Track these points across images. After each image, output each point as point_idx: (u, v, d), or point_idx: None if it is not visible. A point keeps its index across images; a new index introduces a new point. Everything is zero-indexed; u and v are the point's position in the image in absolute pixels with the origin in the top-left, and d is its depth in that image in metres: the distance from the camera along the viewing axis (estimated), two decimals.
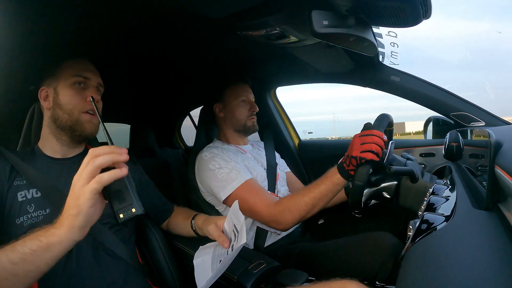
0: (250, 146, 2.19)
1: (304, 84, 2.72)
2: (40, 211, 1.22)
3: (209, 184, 1.83)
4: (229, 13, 1.31)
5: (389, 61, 1.99)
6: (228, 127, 2.11)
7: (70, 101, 1.35)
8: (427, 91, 2.03)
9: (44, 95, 1.40)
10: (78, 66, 1.40)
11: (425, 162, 2.22)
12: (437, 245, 0.72)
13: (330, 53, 1.84)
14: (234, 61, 2.22)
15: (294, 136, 2.99)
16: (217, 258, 1.26)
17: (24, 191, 1.25)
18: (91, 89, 1.40)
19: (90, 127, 1.37)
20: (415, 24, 1.23)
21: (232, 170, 1.78)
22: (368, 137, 1.41)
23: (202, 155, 1.92)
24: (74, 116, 1.34)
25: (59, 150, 1.40)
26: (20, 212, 1.20)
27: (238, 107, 2.05)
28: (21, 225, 1.18)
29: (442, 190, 1.17)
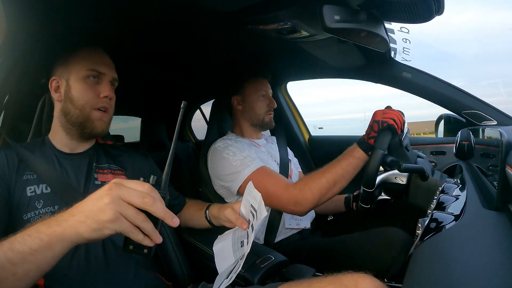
0: (264, 141, 2.20)
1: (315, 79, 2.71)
2: (48, 207, 1.20)
3: (223, 173, 1.82)
4: (240, 7, 1.31)
5: (401, 57, 1.97)
6: (245, 121, 2.11)
7: (82, 96, 1.31)
8: (439, 88, 2.01)
9: (55, 86, 1.36)
10: (92, 58, 1.36)
11: (435, 160, 2.21)
12: (445, 244, 0.71)
13: (342, 48, 1.82)
14: (245, 55, 2.21)
15: (304, 131, 2.99)
16: (237, 240, 1.25)
17: (34, 186, 1.23)
18: (104, 84, 1.36)
19: (100, 125, 1.35)
20: (427, 20, 1.22)
21: (246, 157, 1.77)
22: (390, 110, 1.49)
23: (216, 145, 1.91)
24: (86, 112, 1.31)
25: (68, 144, 1.37)
26: (29, 207, 1.18)
27: (258, 102, 2.05)
28: (28, 221, 1.16)
29: (452, 189, 1.16)
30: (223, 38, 1.85)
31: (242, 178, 1.72)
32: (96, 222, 0.80)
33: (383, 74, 2.15)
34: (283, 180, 1.70)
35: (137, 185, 0.85)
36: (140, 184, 0.86)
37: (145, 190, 0.84)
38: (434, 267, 0.63)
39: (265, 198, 1.64)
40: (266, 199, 1.65)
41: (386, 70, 2.10)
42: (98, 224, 0.80)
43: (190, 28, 1.66)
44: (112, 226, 0.80)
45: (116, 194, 0.81)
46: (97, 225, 0.80)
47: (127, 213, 0.81)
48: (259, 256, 1.39)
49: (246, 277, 1.31)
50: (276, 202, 1.64)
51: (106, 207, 0.80)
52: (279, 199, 1.62)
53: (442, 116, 2.27)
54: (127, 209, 0.81)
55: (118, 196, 0.81)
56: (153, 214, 0.82)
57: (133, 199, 0.81)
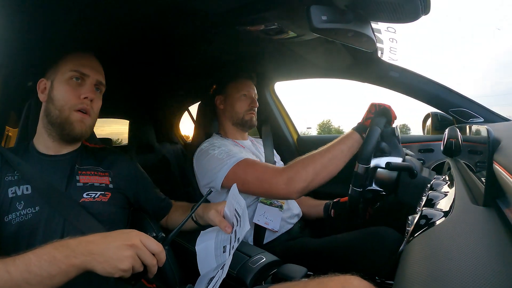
0: (250, 142, 2.21)
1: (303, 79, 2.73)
2: (29, 208, 1.21)
3: (208, 168, 1.82)
4: (228, 8, 1.32)
5: (388, 57, 1.98)
6: (227, 120, 2.13)
7: (63, 97, 1.32)
8: (426, 87, 2.03)
9: (42, 87, 1.39)
10: (78, 61, 1.37)
11: (423, 158, 2.23)
12: (435, 240, 0.72)
13: (329, 49, 1.84)
14: (232, 56, 2.22)
15: (293, 131, 3.00)
16: (220, 243, 1.27)
17: (15, 187, 1.24)
18: (87, 86, 1.37)
19: (80, 127, 1.34)
20: (414, 20, 1.23)
21: (231, 150, 1.80)
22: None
23: (202, 146, 1.94)
24: (65, 113, 1.32)
25: (52, 147, 1.38)
26: (10, 209, 1.20)
27: (239, 101, 2.08)
28: (9, 223, 1.18)
29: (440, 186, 1.17)
30: (210, 40, 1.85)
31: (227, 168, 1.73)
32: (112, 268, 0.93)
33: (370, 74, 2.16)
34: (272, 165, 1.73)
35: (153, 245, 1.00)
36: (156, 244, 1.01)
37: (157, 251, 1.00)
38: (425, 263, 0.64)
39: (257, 185, 1.65)
40: (258, 186, 1.65)
41: (373, 70, 2.11)
42: (113, 269, 0.93)
43: (177, 29, 1.66)
44: (122, 273, 0.94)
45: (136, 251, 0.96)
46: (112, 269, 0.93)
47: (137, 267, 0.97)
48: (251, 256, 1.39)
49: (238, 278, 1.31)
50: (267, 186, 1.63)
51: (125, 259, 0.94)
52: (271, 181, 1.61)
53: (430, 114, 2.29)
54: (139, 265, 0.97)
55: (137, 253, 0.96)
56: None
57: (147, 259, 0.98)
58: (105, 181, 1.43)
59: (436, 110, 2.16)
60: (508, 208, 0.70)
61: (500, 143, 0.83)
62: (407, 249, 0.77)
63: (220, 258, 1.24)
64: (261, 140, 2.35)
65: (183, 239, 1.64)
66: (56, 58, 1.39)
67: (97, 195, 1.36)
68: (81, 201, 1.31)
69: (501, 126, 1.44)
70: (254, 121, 2.11)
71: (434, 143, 2.23)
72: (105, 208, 1.36)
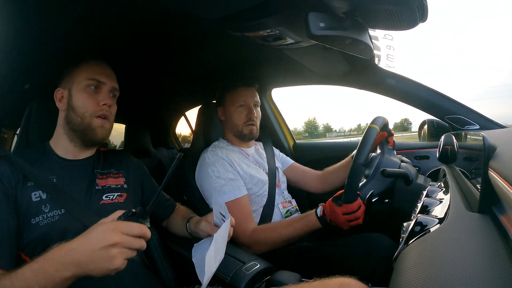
0: (253, 149, 2.21)
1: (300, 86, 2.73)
2: (55, 210, 1.25)
3: (203, 187, 1.90)
4: (225, 14, 1.32)
5: (385, 64, 1.99)
6: (229, 131, 2.14)
7: (83, 104, 1.38)
8: (423, 94, 2.04)
9: (59, 96, 1.43)
10: (93, 69, 1.43)
11: (419, 165, 2.23)
12: (430, 247, 0.72)
13: (326, 55, 1.84)
14: (229, 62, 2.23)
15: (289, 138, 3.01)
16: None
17: (38, 191, 1.27)
18: (104, 93, 1.43)
19: (101, 132, 1.42)
20: (411, 27, 1.24)
21: (227, 183, 1.83)
22: (352, 215, 1.55)
23: (206, 155, 1.96)
24: (87, 120, 1.38)
25: (72, 151, 1.44)
26: (36, 212, 1.23)
27: (235, 113, 2.06)
28: (37, 225, 1.22)
29: (436, 193, 1.17)
30: (207, 46, 1.86)
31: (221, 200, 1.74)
32: (105, 270, 0.95)
33: (367, 81, 2.17)
34: (247, 223, 1.80)
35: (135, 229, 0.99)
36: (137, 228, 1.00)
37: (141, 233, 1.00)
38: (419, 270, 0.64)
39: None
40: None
41: (370, 77, 2.13)
42: (107, 271, 0.95)
43: (174, 35, 1.67)
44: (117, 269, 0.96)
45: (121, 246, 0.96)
46: (106, 271, 0.95)
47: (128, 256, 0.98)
48: (244, 263, 1.40)
49: (232, 284, 1.31)
50: (238, 232, 1.74)
51: (113, 259, 0.94)
52: (237, 237, 1.75)
53: (426, 121, 2.29)
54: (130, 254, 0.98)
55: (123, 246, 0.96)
56: None
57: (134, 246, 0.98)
58: (120, 182, 1.52)
59: (432, 117, 2.17)
60: (503, 214, 0.70)
61: (496, 149, 0.83)
62: (402, 256, 0.77)
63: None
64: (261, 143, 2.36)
65: (180, 247, 1.65)
66: (71, 68, 1.43)
67: (115, 197, 1.44)
68: (101, 203, 1.39)
69: (497, 133, 1.45)
70: (254, 133, 2.09)
71: (430, 150, 2.23)
72: (122, 208, 1.37)
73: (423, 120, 2.32)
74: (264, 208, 1.99)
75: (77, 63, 1.44)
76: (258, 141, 2.37)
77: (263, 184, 2.01)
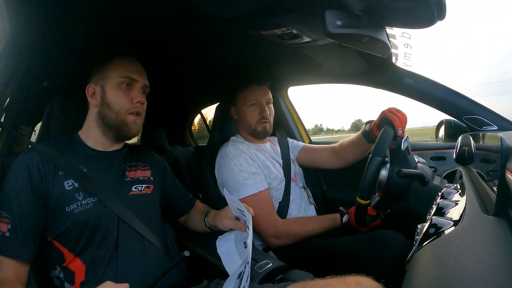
0: (268, 144, 2.23)
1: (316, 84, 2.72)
2: (89, 198, 1.31)
3: (225, 180, 1.92)
4: (241, 12, 1.32)
5: (403, 63, 1.97)
6: (243, 130, 2.16)
7: (118, 101, 1.42)
8: (440, 93, 2.02)
9: (91, 92, 1.46)
10: (126, 66, 1.46)
11: (435, 166, 2.20)
12: (444, 250, 0.71)
13: (343, 54, 1.83)
14: (246, 60, 2.22)
15: (304, 136, 3.00)
16: (240, 241, 1.31)
17: (71, 180, 1.32)
18: (136, 90, 1.47)
19: (134, 128, 1.47)
20: (429, 25, 1.22)
21: (250, 176, 1.86)
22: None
23: (227, 149, 1.99)
24: (121, 116, 1.42)
25: (103, 143, 1.48)
26: (71, 200, 1.28)
27: (248, 112, 2.09)
28: (71, 213, 1.26)
29: (451, 195, 1.16)
30: (224, 44, 1.86)
31: (239, 195, 1.82)
32: None
33: (384, 80, 2.15)
34: (275, 214, 1.86)
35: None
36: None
37: None
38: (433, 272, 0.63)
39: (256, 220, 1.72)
40: (256, 220, 1.72)
41: (387, 76, 2.10)
42: None
43: (190, 33, 1.67)
44: None
45: None
46: None
47: None
48: (257, 261, 1.40)
49: None
50: (259, 228, 1.80)
51: None
52: (266, 228, 1.81)
53: (443, 121, 2.27)
54: None
55: None
56: None
57: None
58: (147, 175, 1.58)
59: (449, 117, 2.14)
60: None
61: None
62: (415, 258, 0.76)
63: (243, 254, 1.27)
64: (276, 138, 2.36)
65: (195, 244, 1.68)
66: (102, 64, 1.47)
67: (143, 188, 1.50)
68: (130, 194, 1.45)
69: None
70: (267, 130, 2.11)
71: (446, 151, 2.21)
72: (150, 199, 1.50)
73: (441, 120, 2.30)
74: (280, 203, 2.00)
75: (109, 60, 1.47)
76: (272, 136, 2.38)
77: (280, 179, 2.04)
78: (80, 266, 1.27)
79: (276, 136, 2.37)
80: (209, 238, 1.55)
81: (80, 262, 1.27)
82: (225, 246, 1.33)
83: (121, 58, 1.48)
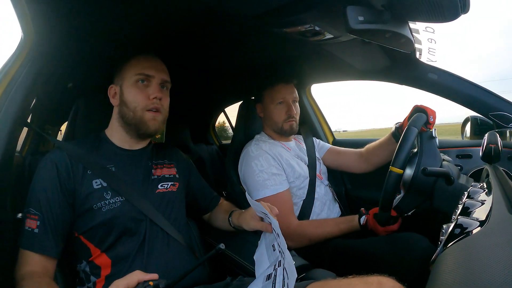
0: (294, 143, 2.24)
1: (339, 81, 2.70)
2: (117, 197, 1.34)
3: (246, 180, 1.95)
4: (264, 10, 1.31)
5: (427, 58, 1.94)
6: (269, 127, 2.17)
7: (134, 99, 1.43)
8: (466, 89, 1.97)
9: (112, 93, 1.50)
10: (141, 64, 1.47)
11: (461, 164, 2.16)
12: (469, 251, 0.69)
13: (366, 50, 1.81)
14: (269, 58, 2.23)
15: (328, 134, 2.97)
16: (269, 245, 1.30)
17: (99, 179, 1.35)
18: (153, 86, 1.47)
19: (154, 125, 1.46)
20: (453, 19, 1.20)
21: (270, 177, 1.88)
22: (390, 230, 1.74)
23: (249, 149, 2.01)
24: (138, 114, 1.43)
25: (128, 141, 1.51)
26: (99, 198, 1.31)
27: (275, 110, 2.09)
28: (99, 210, 1.30)
29: (478, 194, 1.14)
30: (247, 41, 1.87)
31: (258, 196, 1.85)
32: None
33: (408, 76, 2.12)
34: (290, 216, 1.86)
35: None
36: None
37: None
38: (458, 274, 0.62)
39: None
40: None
41: (411, 71, 2.08)
42: None
43: (213, 32, 1.69)
44: None
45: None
46: None
47: None
48: None
49: None
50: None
51: None
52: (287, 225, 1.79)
53: (469, 118, 2.23)
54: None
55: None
56: None
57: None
58: (173, 172, 1.60)
59: (475, 114, 2.10)
60: None
61: None
62: (440, 259, 0.74)
63: (272, 257, 1.25)
64: (301, 136, 2.37)
65: (214, 240, 1.71)
66: (121, 65, 1.50)
67: (169, 186, 1.53)
68: (157, 192, 1.48)
69: None
70: (294, 128, 2.12)
71: (472, 149, 2.16)
72: (175, 196, 1.52)
73: (466, 117, 2.26)
74: (304, 201, 2.01)
75: (127, 60, 1.48)
76: (298, 134, 2.39)
77: (304, 177, 2.04)
78: (106, 261, 1.30)
79: (301, 135, 2.38)
80: (231, 236, 1.59)
81: (107, 258, 1.30)
82: (259, 252, 1.34)
83: (138, 56, 1.49)
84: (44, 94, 1.68)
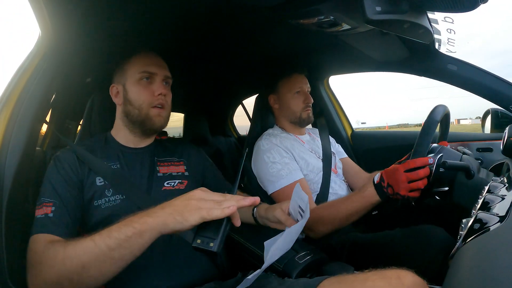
0: (308, 136, 2.24)
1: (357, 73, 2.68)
2: (117, 195, 1.34)
3: (260, 174, 1.93)
4: (280, 1, 1.30)
5: (446, 49, 1.91)
6: (284, 118, 2.17)
7: (139, 97, 1.45)
8: (486, 81, 1.94)
9: (115, 92, 1.52)
10: (143, 61, 1.49)
11: (481, 158, 2.13)
12: (489, 247, 0.68)
13: (384, 41, 1.79)
14: (286, 50, 2.23)
15: (347, 126, 2.96)
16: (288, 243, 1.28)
17: (102, 177, 1.36)
18: (157, 83, 1.49)
19: (159, 121, 1.48)
20: (472, 9, 1.18)
21: (284, 167, 1.85)
22: (415, 173, 1.38)
23: (260, 143, 1.99)
24: (144, 111, 1.45)
25: (132, 140, 1.52)
26: (100, 195, 1.33)
27: (293, 99, 2.09)
28: (99, 207, 1.31)
29: (498, 189, 1.12)
30: (264, 33, 1.87)
31: (274, 188, 1.83)
32: (180, 215, 0.98)
33: (427, 67, 2.09)
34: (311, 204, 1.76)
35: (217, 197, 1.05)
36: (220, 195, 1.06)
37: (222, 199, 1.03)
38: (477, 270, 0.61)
39: None
40: None
41: (430, 63, 2.05)
42: (182, 217, 0.98)
43: (231, 23, 1.69)
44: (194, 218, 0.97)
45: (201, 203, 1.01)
46: (181, 217, 0.98)
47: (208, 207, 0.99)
48: (298, 252, 1.40)
49: (284, 272, 1.32)
50: None
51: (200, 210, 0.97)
52: None
53: (489, 110, 2.19)
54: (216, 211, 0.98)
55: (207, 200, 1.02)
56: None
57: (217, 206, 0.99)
58: (181, 170, 1.59)
59: (496, 107, 2.06)
60: None
61: None
62: (459, 254, 0.73)
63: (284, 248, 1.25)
64: (317, 130, 2.36)
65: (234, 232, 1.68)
66: (122, 63, 1.51)
67: (176, 184, 1.51)
68: (163, 189, 1.46)
69: None
70: (311, 117, 2.13)
71: (493, 142, 2.13)
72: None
73: (487, 109, 2.22)
74: (318, 196, 1.98)
75: (128, 58, 1.50)
76: (313, 128, 2.39)
77: (318, 170, 2.02)
78: None
79: (317, 128, 2.37)
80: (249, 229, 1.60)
81: None
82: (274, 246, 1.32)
83: (138, 54, 1.51)
84: (63, 90, 1.70)
